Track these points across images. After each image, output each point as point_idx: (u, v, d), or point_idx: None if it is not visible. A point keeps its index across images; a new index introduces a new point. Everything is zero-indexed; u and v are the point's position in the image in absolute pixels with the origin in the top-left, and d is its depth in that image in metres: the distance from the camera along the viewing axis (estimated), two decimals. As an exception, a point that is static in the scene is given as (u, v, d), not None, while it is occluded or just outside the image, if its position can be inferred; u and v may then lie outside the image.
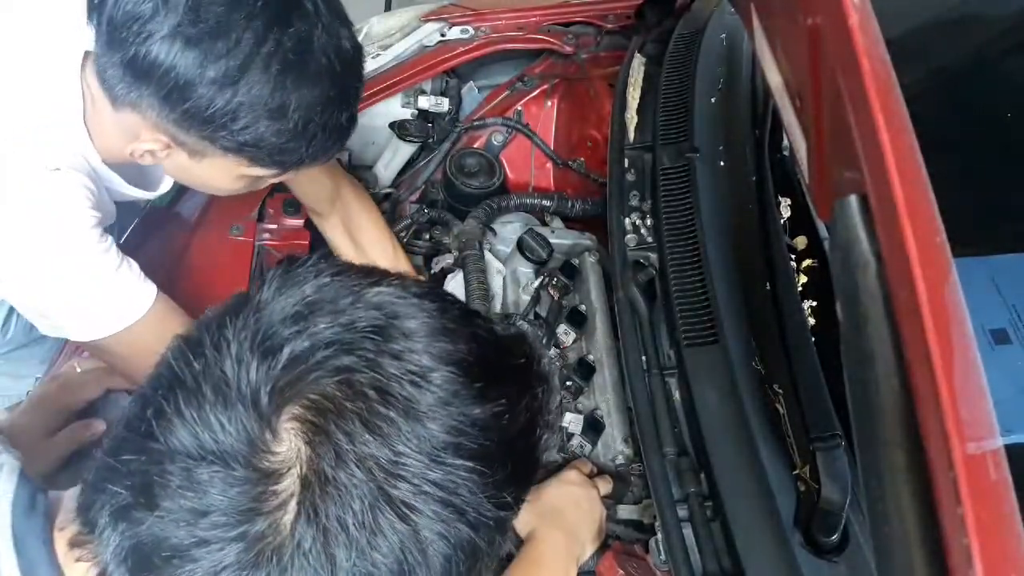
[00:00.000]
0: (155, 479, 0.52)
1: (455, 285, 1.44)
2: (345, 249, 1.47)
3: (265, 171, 1.03)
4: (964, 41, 1.46)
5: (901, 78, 0.66)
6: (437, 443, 0.55)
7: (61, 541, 0.62)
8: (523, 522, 1.09)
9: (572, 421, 1.22)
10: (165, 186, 1.23)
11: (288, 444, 0.53)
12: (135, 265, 1.08)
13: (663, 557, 1.03)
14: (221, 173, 1.03)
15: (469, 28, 1.72)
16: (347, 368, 0.54)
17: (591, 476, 1.18)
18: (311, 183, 1.39)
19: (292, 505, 0.52)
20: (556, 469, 1.18)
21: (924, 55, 1.39)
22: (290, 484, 0.52)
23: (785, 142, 1.32)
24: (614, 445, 1.22)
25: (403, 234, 1.57)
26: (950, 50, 1.45)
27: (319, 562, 0.52)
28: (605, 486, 1.16)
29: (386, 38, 1.73)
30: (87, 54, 0.96)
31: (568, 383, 1.26)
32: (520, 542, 1.09)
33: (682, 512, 1.04)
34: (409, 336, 0.57)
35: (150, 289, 1.08)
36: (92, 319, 1.05)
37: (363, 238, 1.48)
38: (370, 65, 1.65)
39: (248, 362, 0.54)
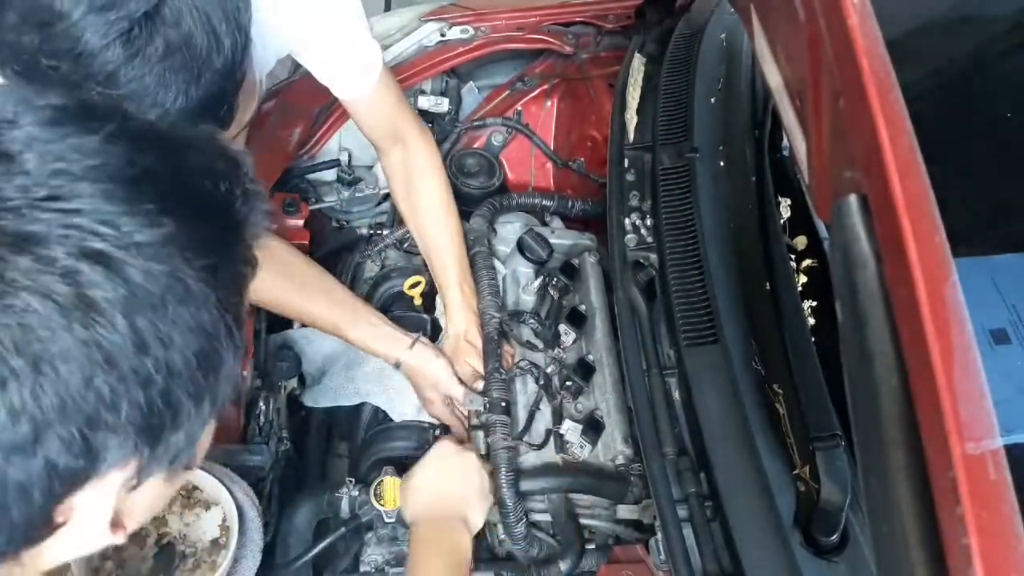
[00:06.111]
0: None
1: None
2: (399, 194, 1.41)
3: None
4: (964, 41, 1.46)
5: (901, 78, 0.67)
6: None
7: None
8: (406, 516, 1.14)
9: (569, 429, 1.22)
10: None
11: None
12: None
13: (663, 557, 1.03)
14: None
15: (469, 28, 1.72)
16: None
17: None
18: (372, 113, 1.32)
19: None
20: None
21: (924, 55, 1.39)
22: None
23: (785, 142, 1.32)
24: (614, 445, 1.21)
25: (406, 235, 1.57)
26: (950, 50, 1.45)
27: None
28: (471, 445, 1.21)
29: (386, 38, 1.73)
30: None
31: (568, 383, 1.26)
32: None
33: (682, 512, 1.04)
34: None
35: None
36: None
37: (420, 200, 1.39)
38: (370, 65, 1.65)
39: None
